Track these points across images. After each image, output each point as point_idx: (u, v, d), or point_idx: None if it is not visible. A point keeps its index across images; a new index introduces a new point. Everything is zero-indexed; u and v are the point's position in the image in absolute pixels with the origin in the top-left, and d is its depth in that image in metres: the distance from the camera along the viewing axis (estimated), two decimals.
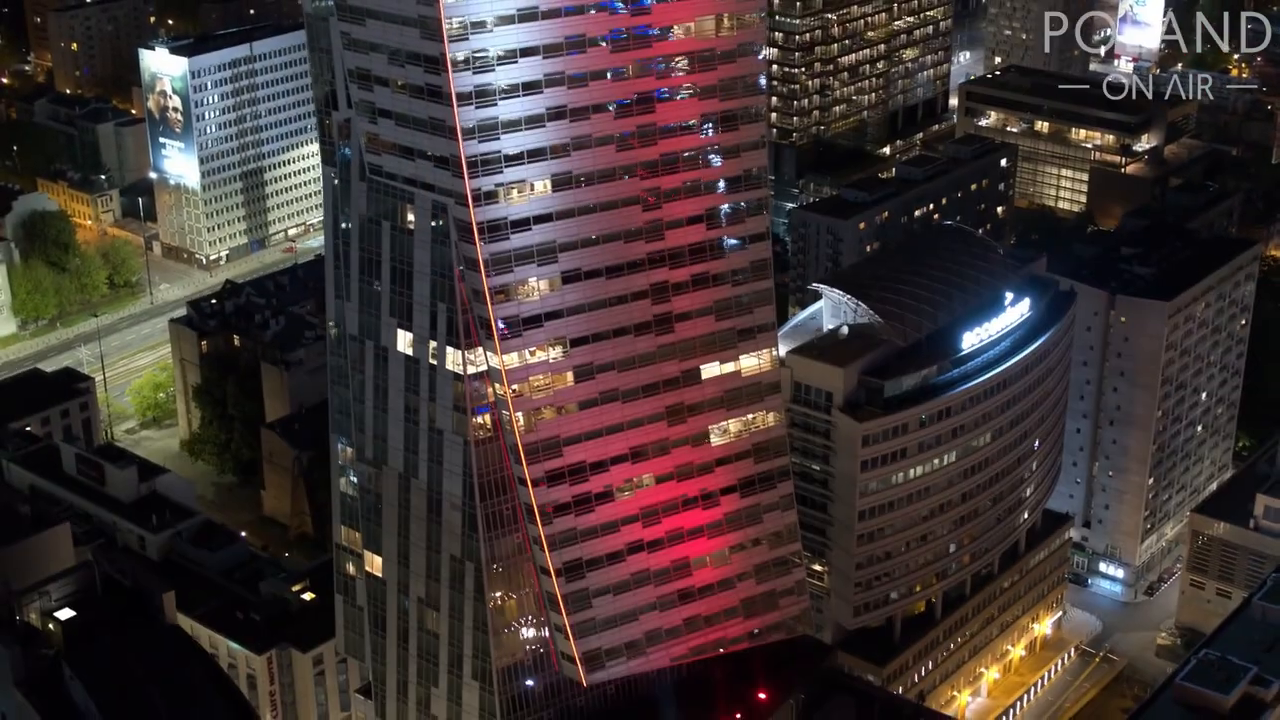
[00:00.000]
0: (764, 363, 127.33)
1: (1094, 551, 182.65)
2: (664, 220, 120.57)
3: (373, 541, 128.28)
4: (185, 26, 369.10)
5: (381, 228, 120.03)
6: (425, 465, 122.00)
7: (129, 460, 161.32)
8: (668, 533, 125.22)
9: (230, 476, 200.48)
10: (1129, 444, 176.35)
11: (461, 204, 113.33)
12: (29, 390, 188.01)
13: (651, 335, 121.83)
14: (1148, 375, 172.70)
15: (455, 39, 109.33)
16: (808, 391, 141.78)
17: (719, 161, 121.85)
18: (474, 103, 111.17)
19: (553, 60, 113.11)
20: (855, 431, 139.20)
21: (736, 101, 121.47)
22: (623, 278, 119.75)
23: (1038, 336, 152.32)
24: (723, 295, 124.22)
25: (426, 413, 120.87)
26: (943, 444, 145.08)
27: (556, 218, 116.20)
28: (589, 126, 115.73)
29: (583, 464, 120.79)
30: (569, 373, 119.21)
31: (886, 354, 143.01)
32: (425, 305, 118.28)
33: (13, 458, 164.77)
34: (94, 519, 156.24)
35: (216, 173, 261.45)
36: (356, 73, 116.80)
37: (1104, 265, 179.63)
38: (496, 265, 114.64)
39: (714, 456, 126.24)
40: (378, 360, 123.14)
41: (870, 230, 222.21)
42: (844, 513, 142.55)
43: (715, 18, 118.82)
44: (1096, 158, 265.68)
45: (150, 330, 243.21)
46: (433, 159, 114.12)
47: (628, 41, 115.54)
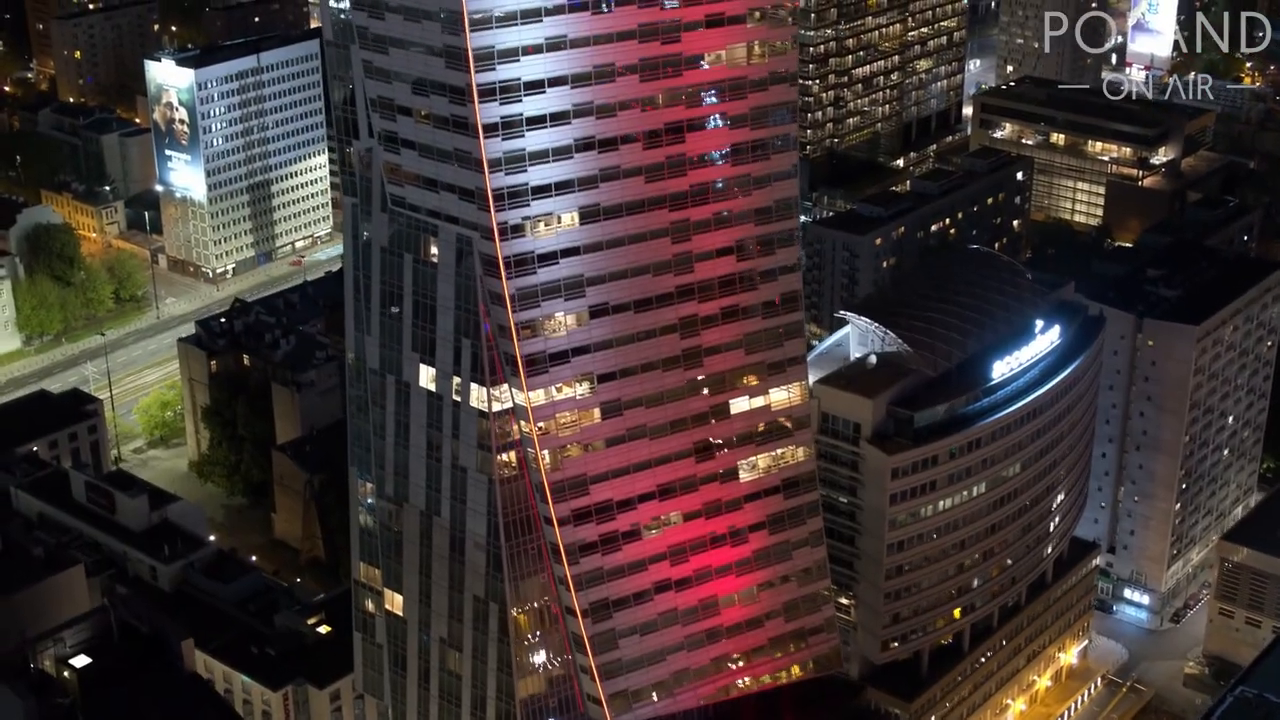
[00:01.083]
0: (794, 396, 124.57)
1: (1119, 577, 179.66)
2: (693, 252, 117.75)
3: (393, 579, 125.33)
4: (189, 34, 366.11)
5: (403, 260, 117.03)
6: (448, 503, 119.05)
7: (140, 488, 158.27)
8: (695, 571, 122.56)
9: (240, 498, 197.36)
10: (1155, 469, 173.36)
11: (487, 238, 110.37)
12: (36, 412, 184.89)
13: (680, 370, 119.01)
14: (1175, 400, 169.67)
15: (482, 69, 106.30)
16: (835, 422, 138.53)
17: (750, 192, 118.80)
18: (500, 134, 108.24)
19: (581, 90, 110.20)
20: (884, 464, 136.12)
21: (768, 130, 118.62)
22: (651, 312, 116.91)
23: (1068, 364, 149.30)
24: (753, 328, 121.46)
25: (449, 450, 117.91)
26: (972, 475, 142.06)
27: (584, 251, 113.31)
28: (618, 157, 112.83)
29: (610, 502, 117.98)
30: (596, 409, 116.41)
31: (915, 384, 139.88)
32: (449, 340, 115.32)
33: (21, 484, 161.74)
34: (104, 548, 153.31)
35: (223, 185, 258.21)
36: (378, 102, 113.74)
37: (1129, 287, 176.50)
38: (523, 300, 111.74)
39: (743, 493, 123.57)
40: (399, 395, 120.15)
41: (886, 246, 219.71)
42: (872, 546, 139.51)
43: (746, 45, 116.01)
44: (1113, 171, 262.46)
45: (157, 346, 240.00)
46: (457, 191, 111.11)
47: (658, 70, 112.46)
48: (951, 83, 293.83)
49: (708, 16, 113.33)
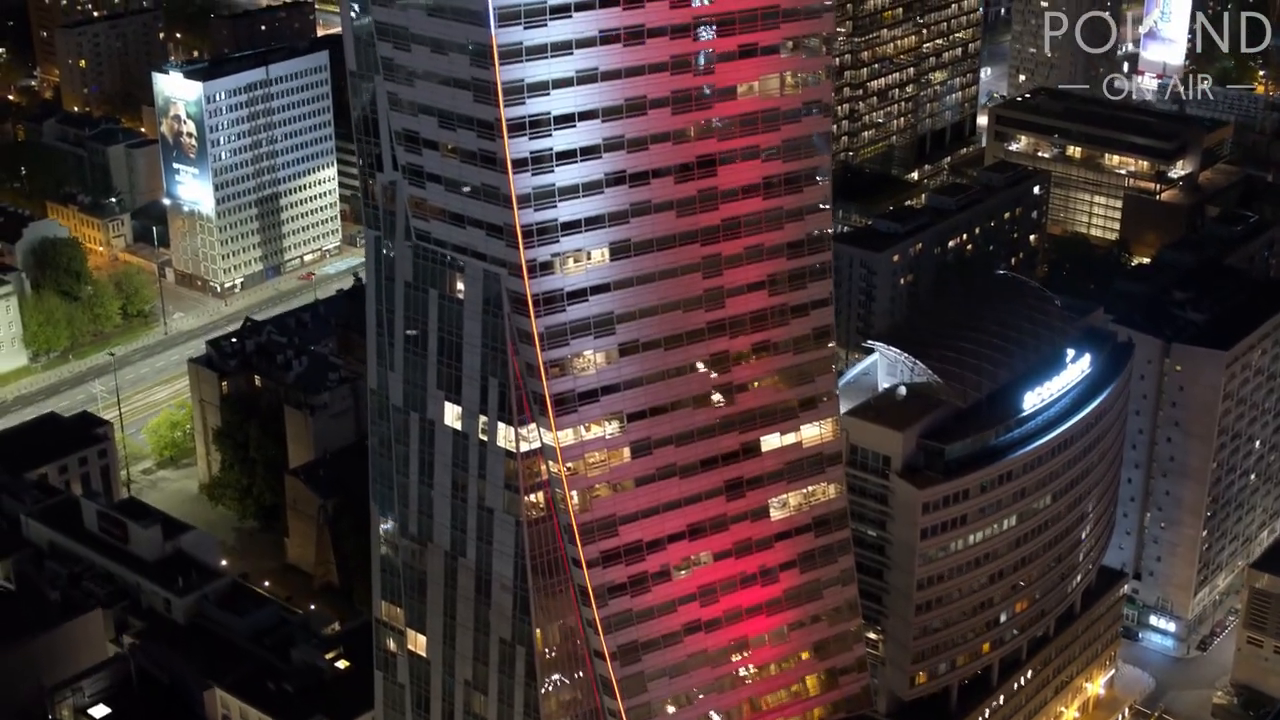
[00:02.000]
0: (825, 432, 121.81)
1: (1144, 604, 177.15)
2: (725, 288, 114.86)
3: (416, 620, 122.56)
4: (195, 42, 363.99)
5: (428, 296, 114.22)
6: (474, 544, 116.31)
7: (153, 518, 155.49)
8: (725, 612, 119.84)
9: (251, 522, 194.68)
10: (1182, 495, 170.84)
11: (515, 275, 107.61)
12: (46, 436, 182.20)
13: (711, 407, 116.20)
14: (1203, 425, 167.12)
15: (511, 103, 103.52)
16: (864, 455, 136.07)
17: (782, 225, 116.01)
18: (530, 169, 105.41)
19: (612, 123, 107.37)
20: (915, 498, 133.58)
21: (800, 163, 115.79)
22: (682, 348, 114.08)
23: (1098, 393, 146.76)
24: (784, 364, 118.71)
25: (475, 490, 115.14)
26: (1003, 508, 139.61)
27: (614, 288, 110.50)
28: (649, 192, 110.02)
29: (639, 543, 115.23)
30: (626, 448, 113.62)
31: (945, 415, 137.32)
32: (475, 378, 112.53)
33: (31, 512, 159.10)
34: (117, 579, 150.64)
35: (231, 199, 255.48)
36: (403, 135, 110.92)
37: (1155, 309, 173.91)
38: (552, 339, 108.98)
39: (773, 531, 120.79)
40: (423, 433, 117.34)
41: (904, 263, 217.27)
42: (902, 581, 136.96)
43: (779, 76, 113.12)
44: (1130, 184, 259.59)
45: (165, 363, 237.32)
46: (485, 227, 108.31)
47: (690, 102, 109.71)
48: (966, 94, 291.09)
49: (741, 47, 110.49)
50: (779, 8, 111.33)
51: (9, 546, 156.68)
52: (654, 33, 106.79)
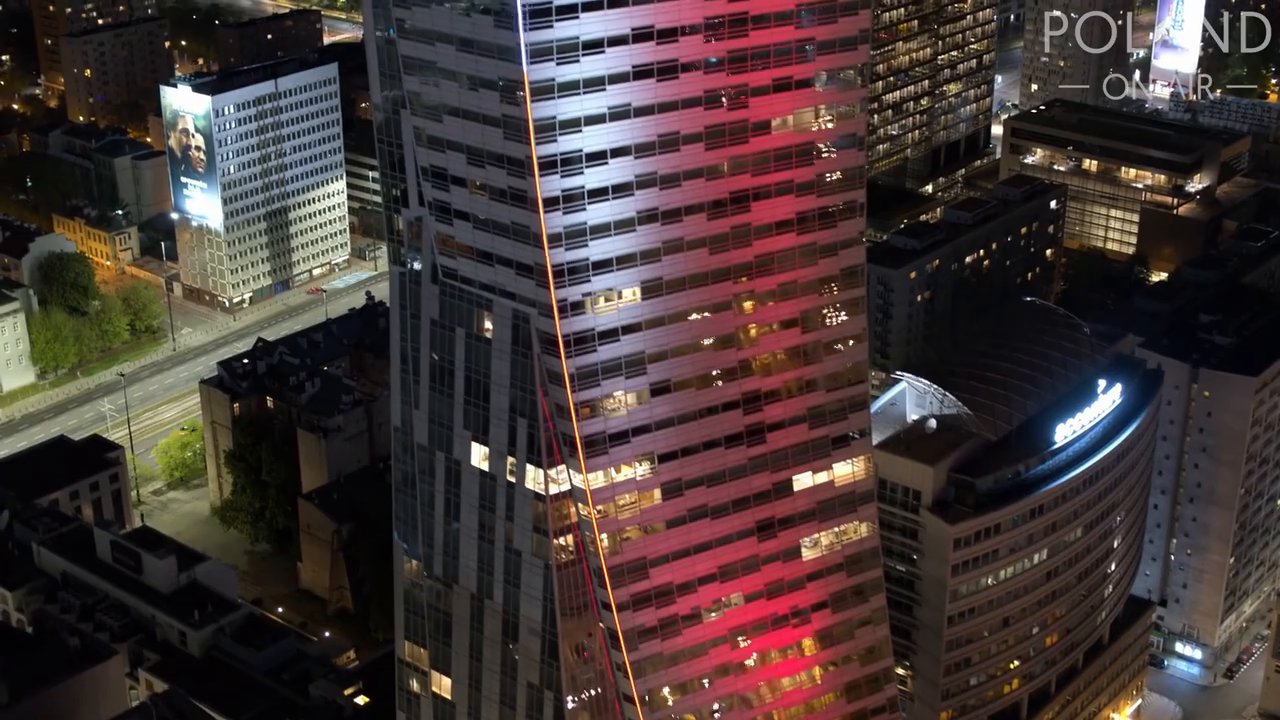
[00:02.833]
0: (858, 470, 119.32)
1: (1170, 631, 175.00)
2: (758, 325, 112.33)
3: (441, 662, 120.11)
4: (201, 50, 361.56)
5: (455, 334, 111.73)
6: (501, 587, 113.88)
7: (167, 548, 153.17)
8: (756, 654, 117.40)
9: (264, 545, 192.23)
10: (1210, 522, 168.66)
11: (546, 315, 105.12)
12: (56, 460, 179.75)
13: (743, 447, 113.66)
14: (1232, 451, 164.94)
15: (543, 140, 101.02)
16: (893, 489, 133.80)
17: (816, 261, 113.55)
18: (561, 208, 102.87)
19: (645, 160, 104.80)
20: (946, 534, 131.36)
21: (835, 197, 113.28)
22: (713, 388, 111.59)
23: (1129, 423, 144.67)
24: (817, 402, 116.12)
25: (503, 532, 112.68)
26: (1034, 543, 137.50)
27: (646, 327, 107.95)
28: (681, 229, 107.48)
29: (670, 585, 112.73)
30: (657, 490, 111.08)
31: (975, 448, 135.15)
32: (503, 419, 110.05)
33: (44, 541, 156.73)
34: (131, 611, 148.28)
35: (240, 213, 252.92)
36: (430, 170, 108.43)
37: (1181, 333, 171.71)
38: (582, 379, 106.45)
39: (805, 572, 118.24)
40: (449, 473, 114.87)
41: (921, 279, 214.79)
42: (931, 617, 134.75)
43: (814, 110, 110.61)
44: (1147, 198, 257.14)
45: (173, 380, 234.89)
46: (514, 266, 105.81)
47: (723, 137, 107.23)
48: (980, 106, 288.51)
49: (775, 81, 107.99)
50: (814, 40, 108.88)
51: (22, 576, 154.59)
52: (688, 67, 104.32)
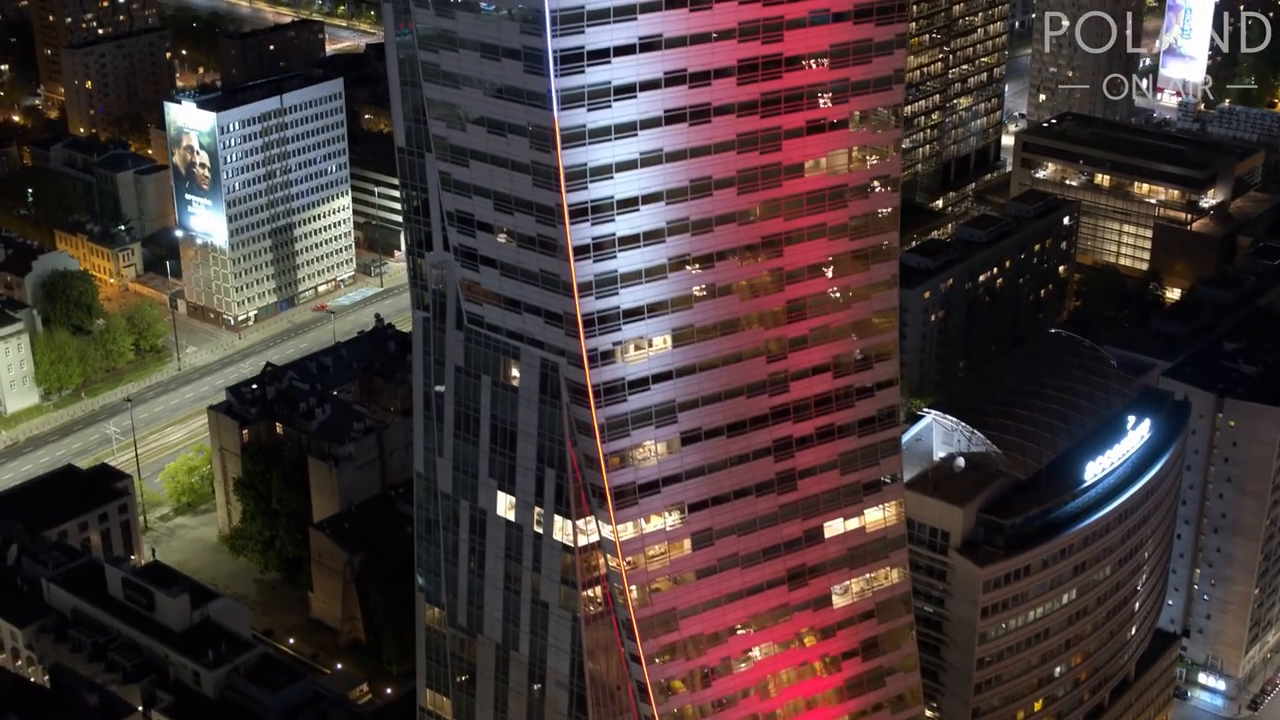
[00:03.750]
0: (889, 516, 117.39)
1: (1193, 662, 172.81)
2: (789, 371, 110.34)
3: (464, 713, 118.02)
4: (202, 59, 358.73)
5: (480, 382, 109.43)
6: (527, 638, 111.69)
7: (180, 585, 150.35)
8: (787, 703, 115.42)
9: (274, 573, 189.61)
10: (1234, 552, 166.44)
11: (575, 364, 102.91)
12: (64, 491, 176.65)
13: (774, 495, 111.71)
14: (1257, 482, 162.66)
15: (573, 187, 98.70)
16: (921, 529, 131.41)
17: (849, 305, 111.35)
18: (591, 256, 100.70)
19: (677, 206, 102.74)
20: (976, 576, 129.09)
21: (868, 240, 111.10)
22: (745, 435, 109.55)
23: (1158, 458, 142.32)
24: (849, 447, 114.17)
25: (529, 583, 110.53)
26: (1064, 583, 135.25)
27: (677, 375, 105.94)
28: (713, 274, 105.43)
29: (700, 636, 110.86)
30: (687, 540, 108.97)
31: (1004, 487, 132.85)
32: (530, 469, 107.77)
33: (53, 577, 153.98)
34: (144, 650, 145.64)
35: (245, 230, 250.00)
36: (456, 215, 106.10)
37: (1206, 361, 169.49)
38: (612, 430, 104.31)
39: (836, 620, 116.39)
40: (474, 522, 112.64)
41: (935, 299, 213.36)
42: (960, 659, 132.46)
43: (847, 151, 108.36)
44: (1160, 213, 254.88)
45: (179, 401, 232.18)
46: (543, 314, 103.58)
47: (756, 182, 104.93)
48: (990, 120, 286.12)
49: (809, 123, 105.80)
50: (848, 81, 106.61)
51: (32, 613, 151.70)
52: (720, 111, 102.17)
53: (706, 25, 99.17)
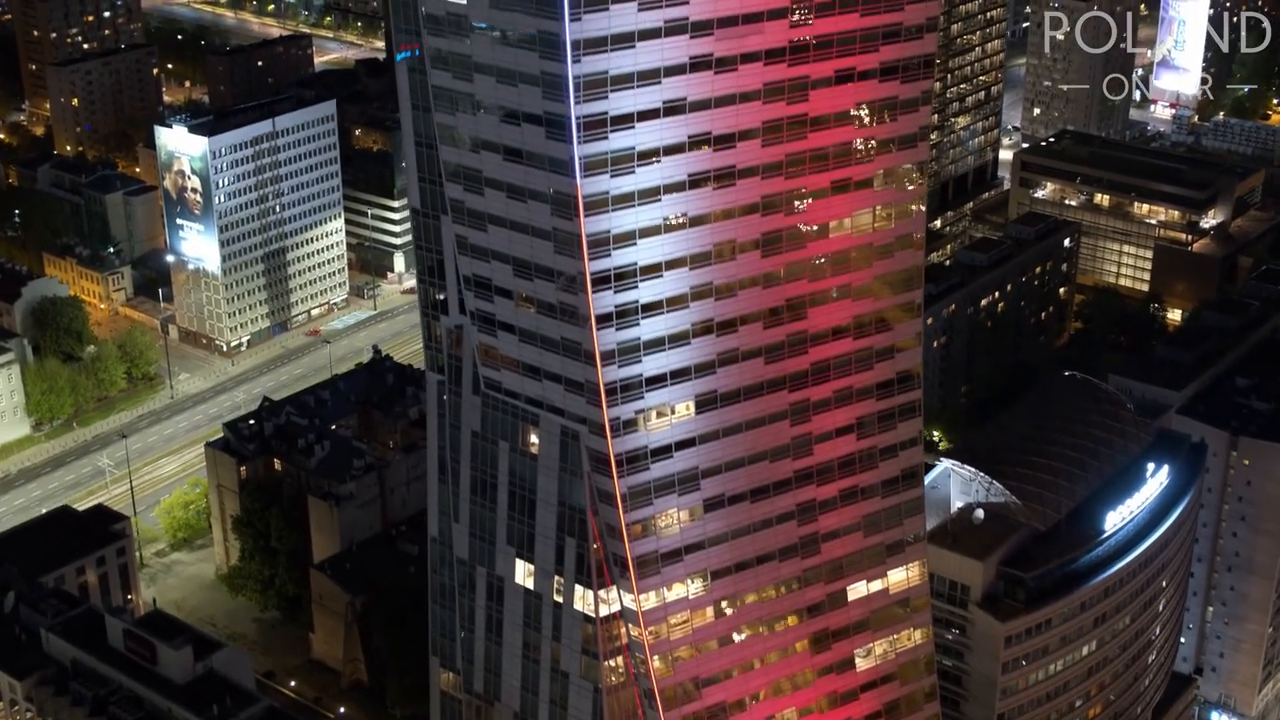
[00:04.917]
0: (913, 576, 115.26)
1: (1206, 700, 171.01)
2: (813, 434, 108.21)
3: None
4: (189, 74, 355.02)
5: (498, 448, 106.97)
6: (546, 708, 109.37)
7: (183, 637, 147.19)
8: None
9: (274, 613, 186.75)
10: (1248, 591, 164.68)
11: (596, 433, 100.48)
12: (61, 534, 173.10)
13: (797, 559, 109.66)
14: (1272, 521, 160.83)
15: (596, 255, 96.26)
16: (940, 583, 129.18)
17: (872, 365, 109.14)
18: (614, 324, 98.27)
19: (700, 270, 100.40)
20: (997, 631, 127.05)
21: (892, 300, 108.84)
22: (768, 500, 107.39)
23: (1176, 504, 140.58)
24: (872, 509, 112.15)
25: (549, 652, 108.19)
26: (1084, 635, 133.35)
27: (699, 442, 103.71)
28: (737, 340, 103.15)
29: (722, 705, 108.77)
30: (709, 608, 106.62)
31: (1024, 539, 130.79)
32: (550, 537, 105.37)
33: (52, 626, 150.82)
34: (145, 703, 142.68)
35: (237, 255, 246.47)
36: (473, 280, 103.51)
37: (1218, 397, 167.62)
38: (635, 498, 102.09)
39: (859, 683, 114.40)
40: (491, 589, 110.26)
41: (938, 325, 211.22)
42: (980, 714, 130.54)
43: (872, 210, 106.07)
44: (1160, 234, 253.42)
45: (173, 431, 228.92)
46: (563, 382, 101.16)
47: (781, 243, 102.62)
48: (988, 139, 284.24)
49: (833, 183, 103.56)
50: (874, 139, 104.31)
51: (30, 664, 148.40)
52: (745, 173, 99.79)
53: (732, 88, 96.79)
